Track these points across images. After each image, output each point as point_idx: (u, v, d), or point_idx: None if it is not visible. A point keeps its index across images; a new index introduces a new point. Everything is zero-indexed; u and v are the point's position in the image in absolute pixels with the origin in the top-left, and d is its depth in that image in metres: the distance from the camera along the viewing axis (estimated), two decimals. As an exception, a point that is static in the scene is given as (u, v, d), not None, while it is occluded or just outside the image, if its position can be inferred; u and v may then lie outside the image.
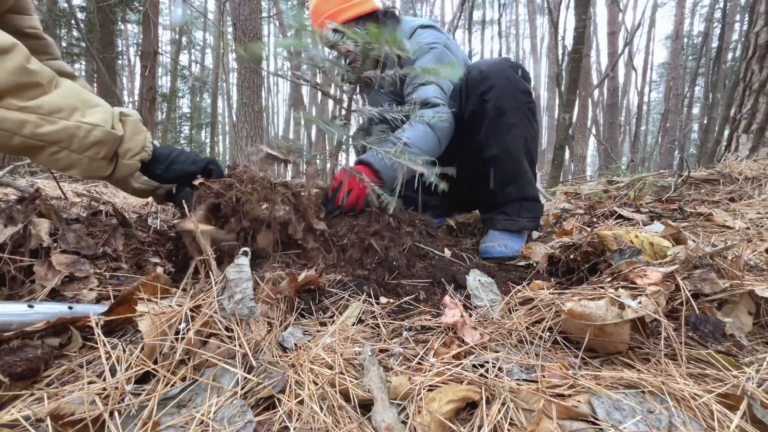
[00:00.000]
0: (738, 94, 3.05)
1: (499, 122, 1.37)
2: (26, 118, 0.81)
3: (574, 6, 3.71)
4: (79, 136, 0.87)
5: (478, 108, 1.40)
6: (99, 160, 0.92)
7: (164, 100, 12.53)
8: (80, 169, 0.91)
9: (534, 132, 1.42)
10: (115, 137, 0.92)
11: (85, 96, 0.91)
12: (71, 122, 0.86)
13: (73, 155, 0.89)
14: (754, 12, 3.05)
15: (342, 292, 0.91)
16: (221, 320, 0.68)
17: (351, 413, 0.54)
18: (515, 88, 1.37)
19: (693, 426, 0.51)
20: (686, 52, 13.97)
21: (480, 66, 1.41)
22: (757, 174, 2.24)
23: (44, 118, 0.83)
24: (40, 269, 0.81)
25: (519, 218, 1.38)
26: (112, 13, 7.32)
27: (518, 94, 1.37)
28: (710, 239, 1.25)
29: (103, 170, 0.94)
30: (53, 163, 0.89)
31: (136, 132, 0.97)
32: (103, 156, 0.92)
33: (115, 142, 0.93)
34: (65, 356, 0.64)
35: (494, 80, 1.36)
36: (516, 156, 1.39)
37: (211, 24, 14.98)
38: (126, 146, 0.96)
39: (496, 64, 1.40)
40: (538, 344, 0.71)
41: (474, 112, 1.42)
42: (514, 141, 1.38)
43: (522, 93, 1.38)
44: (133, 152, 0.97)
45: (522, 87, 1.38)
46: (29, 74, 0.81)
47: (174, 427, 0.51)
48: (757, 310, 0.75)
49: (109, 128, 0.91)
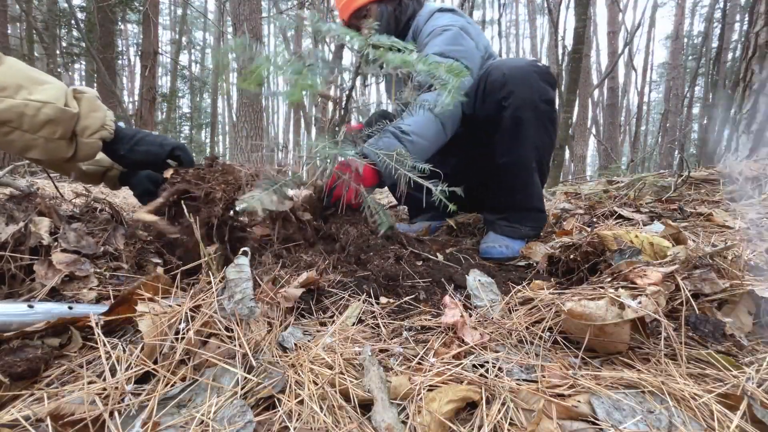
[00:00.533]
0: (738, 94, 3.05)
1: (514, 132, 1.30)
2: None
3: (574, 6, 3.71)
4: (28, 115, 0.83)
5: (494, 113, 1.33)
6: (56, 141, 0.88)
7: (164, 100, 12.53)
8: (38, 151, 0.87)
9: (549, 142, 1.36)
10: (69, 115, 0.87)
11: (32, 74, 0.87)
12: (17, 100, 0.82)
13: (27, 135, 0.85)
14: (754, 12, 3.05)
15: (342, 292, 0.91)
16: (221, 320, 0.68)
17: (351, 413, 0.54)
18: (537, 97, 1.28)
19: (693, 426, 0.51)
20: (686, 52, 13.96)
21: (502, 68, 1.31)
22: (757, 174, 2.24)
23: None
24: (41, 268, 0.81)
25: (521, 227, 1.36)
26: (112, 13, 7.32)
27: (539, 103, 1.29)
28: (710, 239, 1.25)
29: (63, 151, 0.90)
30: (9, 146, 0.86)
31: (92, 109, 0.92)
32: (60, 136, 0.88)
33: (70, 120, 0.88)
34: (65, 356, 0.64)
35: (516, 87, 1.27)
36: (527, 167, 1.34)
37: (211, 24, 14.98)
38: (83, 124, 0.91)
39: (520, 68, 1.30)
40: (538, 344, 0.71)
41: (490, 116, 1.35)
42: (527, 152, 1.32)
43: (544, 102, 1.29)
44: (92, 130, 0.92)
45: (544, 96, 1.29)
46: None
47: (174, 427, 0.51)
48: (757, 310, 0.75)
49: (61, 105, 0.86)
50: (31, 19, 7.67)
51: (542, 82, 1.29)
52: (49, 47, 8.75)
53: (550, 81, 1.32)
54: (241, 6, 5.25)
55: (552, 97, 1.32)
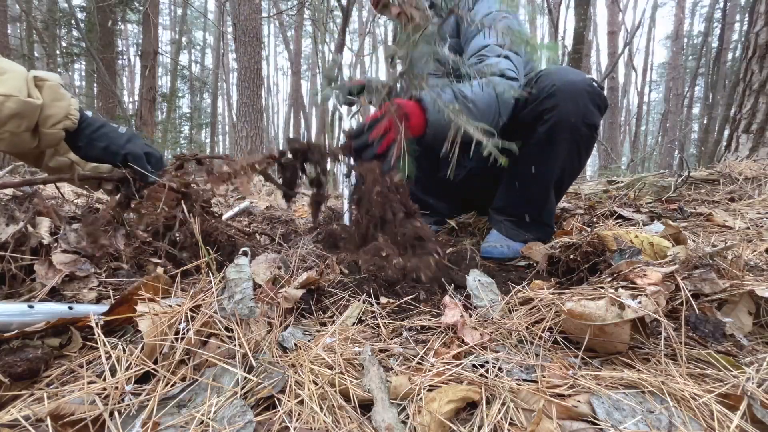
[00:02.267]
0: (738, 94, 3.05)
1: (545, 150, 1.23)
2: None
3: (574, 6, 3.71)
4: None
5: (532, 121, 1.24)
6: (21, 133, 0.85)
7: (164, 100, 12.53)
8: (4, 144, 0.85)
9: (577, 167, 1.30)
10: (33, 106, 0.84)
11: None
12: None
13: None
14: (754, 12, 3.05)
15: (342, 292, 0.91)
16: (221, 320, 0.68)
17: (351, 413, 0.54)
18: (581, 119, 1.18)
19: (693, 426, 0.51)
20: (686, 52, 13.96)
21: (553, 77, 1.20)
22: (757, 174, 2.24)
23: None
24: (41, 268, 0.81)
25: (526, 233, 1.34)
26: (112, 13, 7.32)
27: (582, 126, 1.19)
28: (710, 239, 1.25)
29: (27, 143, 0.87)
30: None
31: (55, 98, 0.89)
32: (24, 128, 0.85)
33: (34, 111, 0.85)
34: (65, 356, 0.64)
35: (562, 102, 1.17)
36: (546, 185, 1.29)
37: (211, 24, 14.99)
38: (45, 113, 0.87)
39: (572, 83, 1.18)
40: (538, 344, 0.71)
41: (527, 123, 1.25)
42: (551, 171, 1.26)
43: (586, 126, 1.20)
44: (55, 120, 0.88)
45: (589, 119, 1.20)
46: None
47: (174, 427, 0.51)
48: (757, 310, 0.75)
49: (24, 98, 0.82)
50: (31, 19, 7.68)
51: (591, 104, 1.19)
52: (49, 47, 8.76)
53: (600, 104, 1.22)
54: (241, 6, 5.25)
55: (596, 122, 1.23)
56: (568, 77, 1.19)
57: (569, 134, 1.20)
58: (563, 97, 1.18)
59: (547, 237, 1.38)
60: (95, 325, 0.64)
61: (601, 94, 1.23)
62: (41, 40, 8.61)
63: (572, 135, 1.20)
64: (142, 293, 0.71)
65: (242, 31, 5.27)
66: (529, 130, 1.25)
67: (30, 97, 0.83)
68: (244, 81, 5.38)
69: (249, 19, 5.26)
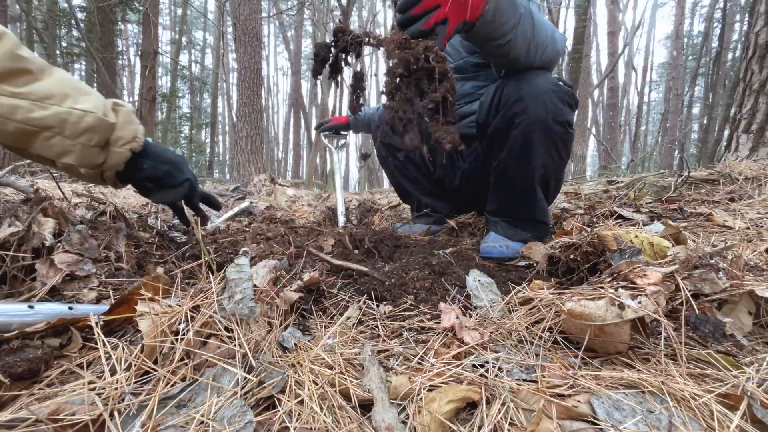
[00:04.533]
0: (738, 94, 3.05)
1: (522, 152, 1.26)
2: (18, 104, 0.84)
3: (574, 6, 3.71)
4: (71, 122, 0.89)
5: (504, 128, 1.28)
6: (91, 147, 0.93)
7: (164, 100, 12.53)
8: (73, 156, 0.93)
9: (558, 163, 1.31)
10: (107, 124, 0.94)
11: (78, 84, 0.93)
12: (63, 108, 0.88)
13: (66, 141, 0.90)
14: (754, 12, 3.05)
15: (342, 293, 0.91)
16: (221, 320, 0.68)
17: (351, 413, 0.54)
18: (551, 117, 1.21)
19: (693, 426, 0.51)
20: (686, 52, 13.97)
21: (520, 82, 1.23)
22: (757, 174, 2.24)
23: (36, 104, 0.85)
24: (42, 267, 0.81)
25: (523, 232, 1.36)
26: (112, 13, 7.32)
27: (553, 125, 1.22)
28: (710, 239, 1.25)
29: (95, 158, 0.96)
30: (48, 150, 0.91)
31: (128, 121, 0.99)
32: (95, 143, 0.93)
33: (107, 129, 0.94)
34: (65, 357, 0.64)
35: (530, 104, 1.20)
36: (530, 184, 1.31)
37: (211, 24, 14.98)
38: (117, 134, 0.97)
39: (537, 85, 1.21)
40: (538, 344, 0.71)
41: (499, 130, 1.30)
42: (532, 171, 1.28)
43: (558, 124, 1.23)
44: (124, 140, 0.98)
45: (560, 117, 1.22)
46: (20, 60, 0.84)
47: (174, 427, 0.51)
48: (757, 310, 0.75)
49: (101, 115, 0.92)
50: (31, 19, 7.68)
51: (559, 102, 1.22)
52: (49, 47, 8.76)
53: (568, 101, 1.24)
54: (241, 6, 5.25)
55: (568, 119, 1.25)
56: (533, 80, 1.22)
57: (542, 134, 1.23)
58: (530, 99, 1.21)
59: (543, 234, 1.40)
60: (95, 325, 0.64)
61: (569, 92, 1.25)
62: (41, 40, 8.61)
63: (545, 134, 1.23)
64: (142, 293, 0.71)
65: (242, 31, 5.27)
66: (505, 135, 1.29)
67: (106, 116, 0.94)
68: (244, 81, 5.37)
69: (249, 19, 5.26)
